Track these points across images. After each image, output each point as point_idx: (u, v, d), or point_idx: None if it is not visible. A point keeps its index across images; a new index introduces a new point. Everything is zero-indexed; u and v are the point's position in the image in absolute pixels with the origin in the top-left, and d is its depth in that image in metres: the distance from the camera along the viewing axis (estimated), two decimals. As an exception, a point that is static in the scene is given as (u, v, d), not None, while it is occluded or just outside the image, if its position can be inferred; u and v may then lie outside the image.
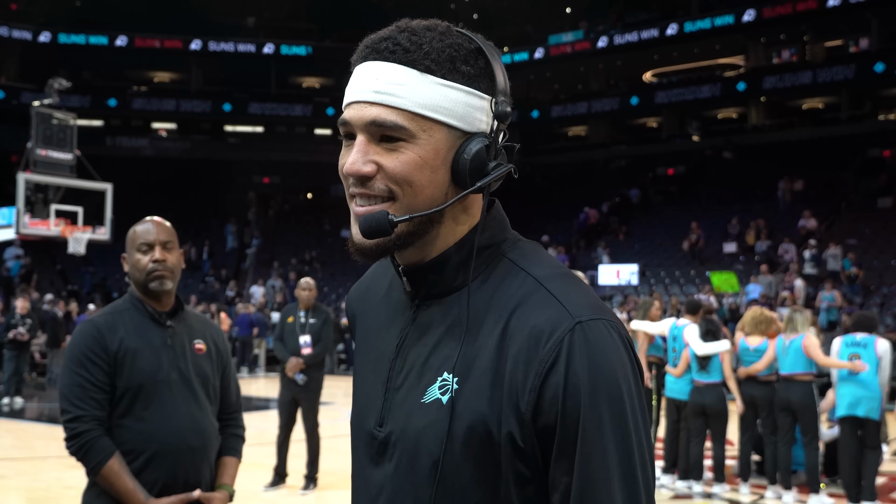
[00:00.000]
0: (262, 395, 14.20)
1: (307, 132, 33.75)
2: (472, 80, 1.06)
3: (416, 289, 1.12)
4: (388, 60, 1.05)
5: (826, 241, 20.02)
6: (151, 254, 2.51)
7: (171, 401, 2.47)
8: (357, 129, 1.06)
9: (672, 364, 7.36)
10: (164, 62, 32.00)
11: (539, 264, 1.08)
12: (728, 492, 7.01)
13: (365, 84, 1.05)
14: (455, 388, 1.04)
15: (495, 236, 1.11)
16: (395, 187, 1.05)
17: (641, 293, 20.18)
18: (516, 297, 1.05)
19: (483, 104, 1.06)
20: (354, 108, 1.06)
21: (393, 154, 1.04)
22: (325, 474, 7.00)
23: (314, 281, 7.25)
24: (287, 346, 6.80)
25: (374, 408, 1.13)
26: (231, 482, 2.60)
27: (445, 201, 1.06)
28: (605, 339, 1.00)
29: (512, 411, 1.00)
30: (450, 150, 1.05)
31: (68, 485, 6.81)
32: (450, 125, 1.05)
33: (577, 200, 27.64)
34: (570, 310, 1.01)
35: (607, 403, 0.99)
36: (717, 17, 27.37)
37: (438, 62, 1.05)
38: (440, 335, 1.08)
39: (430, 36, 1.06)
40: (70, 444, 2.41)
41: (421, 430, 1.05)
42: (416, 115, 1.04)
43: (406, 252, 1.09)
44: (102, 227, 15.65)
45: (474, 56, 1.07)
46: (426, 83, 1.04)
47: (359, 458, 1.16)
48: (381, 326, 1.18)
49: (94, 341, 2.44)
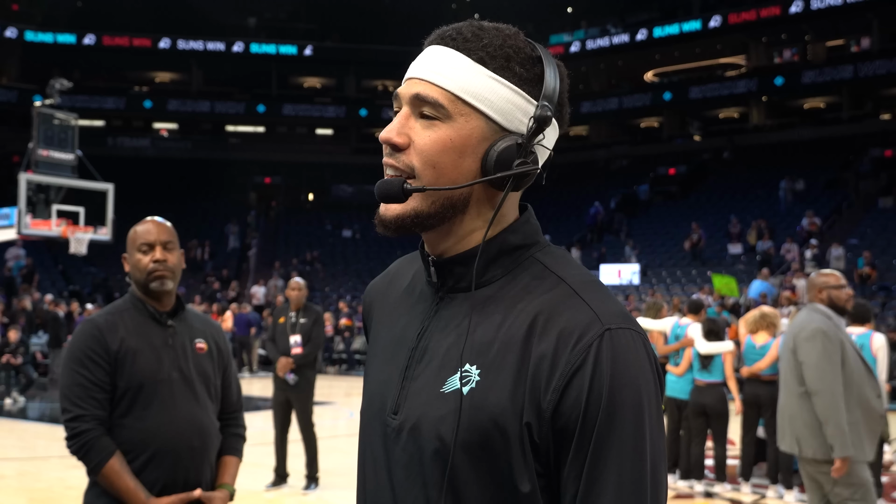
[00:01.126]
0: (263, 395, 14.21)
1: (308, 132, 33.76)
2: (524, 83, 1.09)
3: (443, 280, 1.13)
4: (447, 46, 1.10)
5: (828, 241, 20.02)
6: (152, 254, 2.51)
7: (172, 400, 2.47)
8: (404, 102, 1.10)
9: (673, 363, 7.37)
10: (165, 62, 32.02)
11: (569, 269, 1.10)
12: (729, 491, 7.01)
13: (421, 64, 1.11)
14: (477, 380, 1.04)
15: (527, 238, 1.12)
16: (419, 165, 1.07)
17: (642, 293, 20.18)
18: (546, 299, 1.06)
19: (528, 107, 1.08)
20: (406, 84, 1.11)
21: (426, 131, 1.08)
22: (327, 473, 7.01)
23: (305, 281, 7.28)
24: (278, 346, 6.83)
25: (389, 395, 1.13)
26: (232, 481, 2.60)
27: (469, 190, 1.08)
28: (631, 349, 1.02)
29: (532, 407, 1.01)
30: (483, 140, 1.08)
31: (70, 485, 6.82)
32: (488, 116, 1.07)
33: (578, 200, 27.65)
34: (601, 317, 1.03)
35: (627, 412, 1.00)
36: (718, 17, 27.38)
37: (493, 56, 1.08)
38: (463, 327, 1.08)
39: (494, 34, 1.10)
40: (71, 444, 2.41)
41: (439, 418, 1.05)
42: (456, 98, 1.07)
43: (433, 240, 1.12)
44: (104, 227, 15.65)
45: (531, 62, 1.10)
46: (475, 71, 1.07)
47: (369, 446, 1.16)
48: (401, 315, 1.19)
49: (95, 341, 2.44)
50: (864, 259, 18.37)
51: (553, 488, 1.03)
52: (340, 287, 25.12)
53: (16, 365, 13.03)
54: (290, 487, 6.96)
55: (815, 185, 24.29)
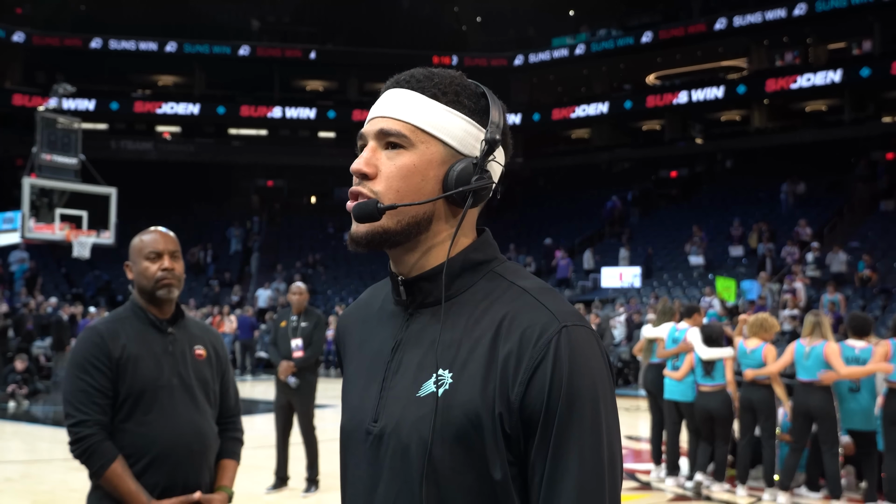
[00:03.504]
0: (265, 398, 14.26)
1: (311, 135, 33.80)
2: (472, 113, 1.23)
3: (412, 297, 1.23)
4: (403, 88, 1.24)
5: (829, 244, 20.03)
6: (160, 262, 2.59)
7: (172, 406, 2.54)
8: (369, 138, 1.23)
9: (672, 367, 7.42)
10: (168, 65, 32.10)
11: (527, 280, 1.21)
12: (725, 493, 7.07)
13: (382, 105, 1.24)
14: (450, 382, 1.15)
15: (487, 255, 1.24)
16: (383, 190, 1.20)
17: (644, 296, 20.21)
18: (508, 305, 1.17)
19: (479, 133, 1.22)
20: (370, 123, 1.24)
21: (392, 160, 1.20)
22: (327, 476, 7.06)
23: (306, 285, 7.33)
24: (280, 349, 6.90)
25: (369, 406, 1.22)
26: (230, 484, 2.67)
27: (431, 209, 1.20)
28: (586, 343, 1.14)
29: (502, 401, 1.12)
30: (442, 164, 1.21)
31: (73, 487, 6.87)
32: (445, 143, 1.21)
33: (579, 204, 27.69)
34: (558, 316, 1.14)
35: (586, 399, 1.12)
36: (720, 20, 27.41)
37: (445, 93, 1.22)
38: (434, 338, 1.18)
39: (443, 75, 1.25)
40: (74, 448, 2.48)
41: (416, 420, 1.15)
42: (416, 129, 1.20)
43: (399, 256, 1.23)
44: (107, 230, 15.71)
45: (477, 97, 1.25)
46: (430, 105, 1.21)
47: (352, 457, 1.25)
48: (375, 335, 1.29)
49: (97, 348, 2.51)
50: (865, 262, 18.39)
51: (523, 475, 1.14)
52: (343, 290, 25.17)
53: (22, 393, 13.37)
54: (291, 490, 7.02)
55: (816, 188, 24.30)
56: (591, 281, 22.61)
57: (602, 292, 21.60)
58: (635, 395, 15.43)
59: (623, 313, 18.65)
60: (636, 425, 11.83)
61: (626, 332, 17.75)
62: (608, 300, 20.86)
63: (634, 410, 13.27)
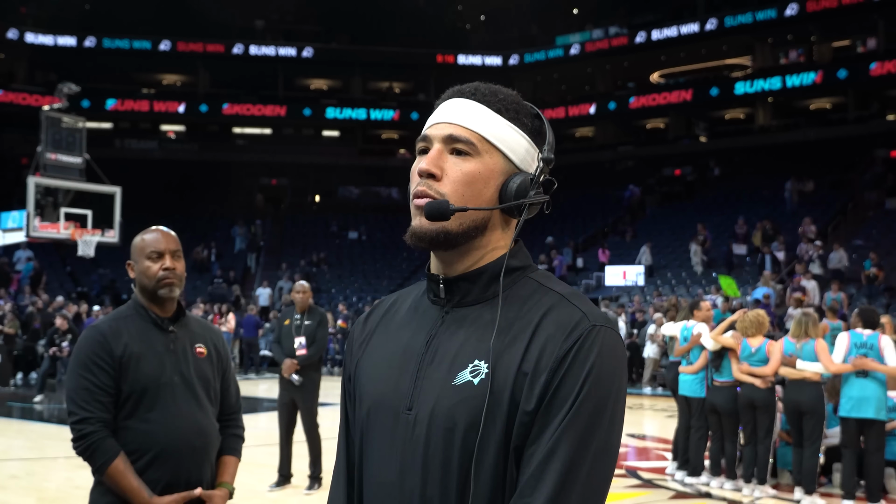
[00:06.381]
0: (269, 396, 14.29)
1: (314, 134, 33.84)
2: (530, 132, 1.34)
3: (449, 296, 1.32)
4: (469, 99, 1.32)
5: (832, 242, 19.99)
6: (162, 261, 2.62)
7: (174, 403, 2.56)
8: (435, 141, 1.30)
9: (686, 363, 7.58)
10: (172, 64, 32.15)
11: (559, 284, 1.32)
12: (731, 490, 7.08)
13: (448, 111, 1.32)
14: (486, 371, 1.23)
15: (523, 262, 1.34)
16: (449, 192, 1.27)
17: (647, 294, 20.20)
18: (544, 306, 1.27)
19: (533, 151, 1.33)
20: (436, 127, 1.32)
21: (458, 164, 1.29)
22: (330, 474, 7.07)
23: (310, 283, 7.36)
24: (283, 348, 6.94)
25: (403, 393, 1.29)
26: (231, 480, 2.70)
27: (489, 216, 1.30)
28: (612, 344, 1.24)
29: (534, 386, 1.20)
30: (502, 174, 1.30)
31: (77, 484, 6.91)
32: (506, 155, 1.30)
33: (582, 202, 27.66)
34: (590, 317, 1.24)
35: (602, 392, 1.20)
36: (724, 18, 27.37)
37: (507, 110, 1.32)
38: (471, 333, 1.27)
39: (505, 93, 1.35)
40: (77, 445, 2.51)
41: (452, 406, 1.23)
42: (483, 139, 1.30)
43: (449, 258, 1.31)
44: (111, 229, 15.77)
45: (532, 117, 1.36)
46: (496, 119, 1.31)
47: (379, 438, 1.30)
48: (407, 329, 1.36)
49: (100, 346, 2.54)
50: (871, 260, 18.34)
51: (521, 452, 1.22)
52: (346, 289, 25.20)
53: (62, 356, 13.93)
54: (294, 488, 7.04)
55: (820, 186, 24.26)
56: (595, 279, 22.61)
57: (605, 291, 21.60)
58: (639, 393, 15.46)
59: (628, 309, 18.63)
60: (640, 423, 11.85)
61: (628, 331, 17.74)
62: (613, 298, 20.85)
63: (638, 409, 13.28)
